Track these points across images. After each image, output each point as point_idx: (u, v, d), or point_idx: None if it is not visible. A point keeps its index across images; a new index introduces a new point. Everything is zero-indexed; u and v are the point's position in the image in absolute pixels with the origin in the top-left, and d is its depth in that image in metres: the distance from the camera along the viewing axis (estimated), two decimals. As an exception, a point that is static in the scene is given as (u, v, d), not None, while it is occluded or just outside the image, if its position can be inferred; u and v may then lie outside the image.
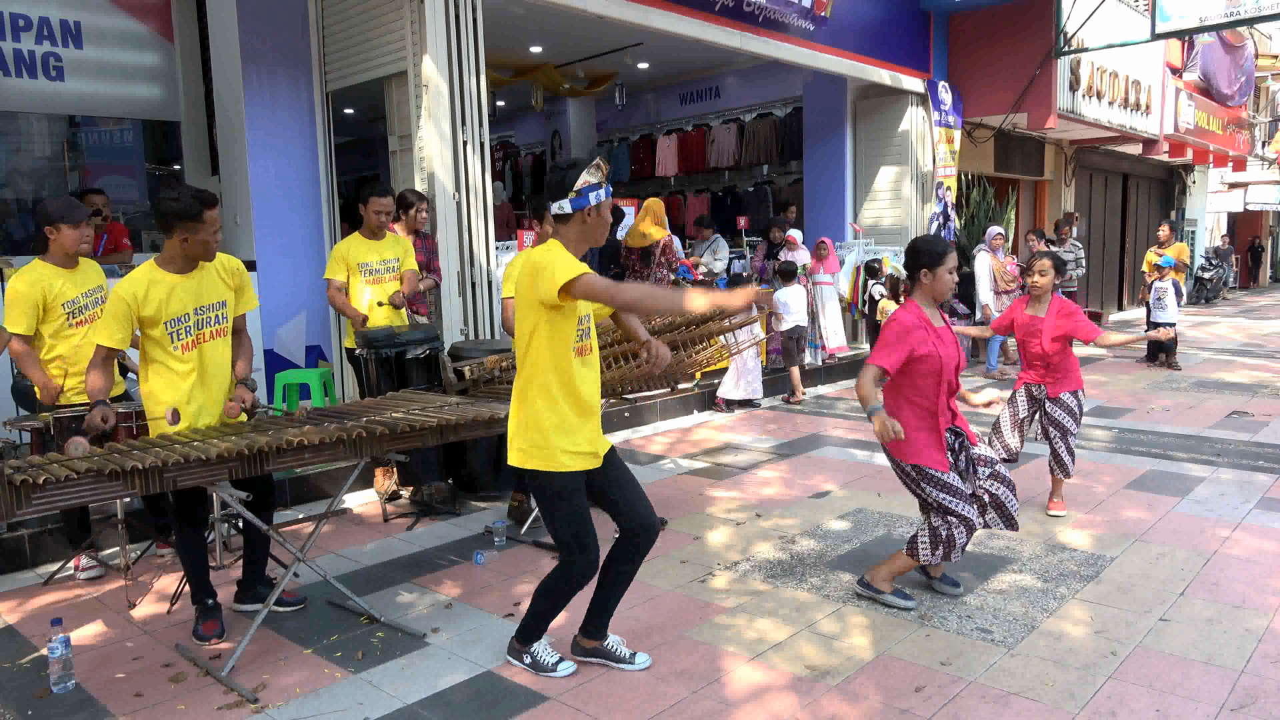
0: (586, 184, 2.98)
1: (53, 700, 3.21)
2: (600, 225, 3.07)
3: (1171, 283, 10.42)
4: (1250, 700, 2.99)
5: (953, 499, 3.65)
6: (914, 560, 3.77)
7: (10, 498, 2.69)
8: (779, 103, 12.97)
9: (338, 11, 6.86)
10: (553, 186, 3.02)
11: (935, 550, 3.70)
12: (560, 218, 3.03)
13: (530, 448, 3.04)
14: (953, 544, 3.67)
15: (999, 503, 3.85)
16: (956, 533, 3.65)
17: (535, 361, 3.01)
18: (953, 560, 3.76)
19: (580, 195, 2.98)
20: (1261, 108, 24.17)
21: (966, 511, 3.65)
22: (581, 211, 3.00)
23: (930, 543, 3.71)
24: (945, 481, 3.66)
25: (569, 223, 3.02)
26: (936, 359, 3.62)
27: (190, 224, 3.45)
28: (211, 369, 3.65)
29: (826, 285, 9.85)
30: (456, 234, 6.38)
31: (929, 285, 3.71)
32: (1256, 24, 13.78)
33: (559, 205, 3.00)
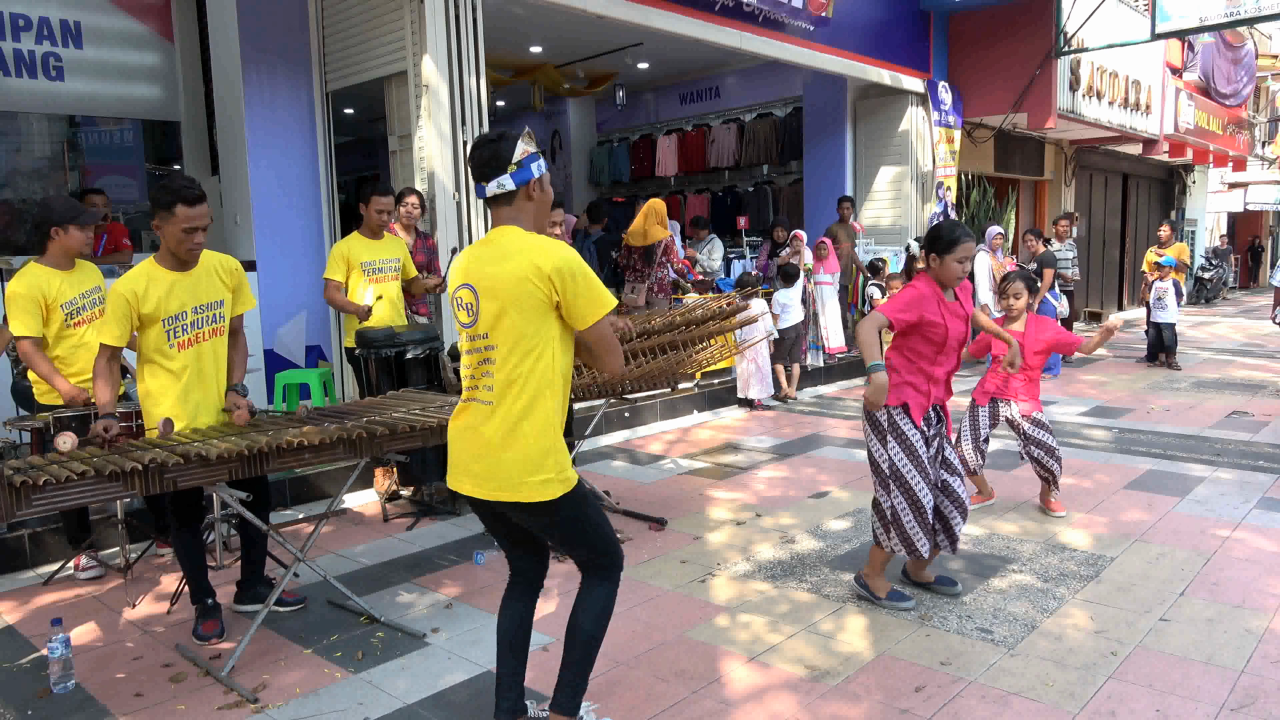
0: (526, 153, 2.51)
1: (53, 700, 3.21)
2: (546, 203, 2.61)
3: (1172, 283, 10.43)
4: (1250, 700, 2.99)
5: (909, 465, 3.61)
6: (883, 550, 3.78)
7: (10, 498, 2.69)
8: (779, 103, 12.97)
9: (338, 11, 6.86)
10: (486, 161, 2.50)
11: (888, 532, 3.69)
12: (500, 199, 2.52)
13: (560, 472, 2.53)
14: (900, 523, 3.63)
15: (946, 521, 3.78)
16: (900, 507, 3.62)
17: (547, 374, 2.49)
18: (919, 554, 3.66)
19: (522, 167, 2.50)
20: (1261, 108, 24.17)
21: (917, 485, 3.60)
22: (526, 186, 2.52)
23: (880, 522, 3.72)
24: (910, 442, 3.62)
25: (514, 202, 2.53)
26: (943, 328, 3.63)
27: (161, 213, 3.43)
28: (209, 368, 3.64)
29: (826, 285, 9.85)
30: (456, 234, 6.38)
31: (936, 270, 3.73)
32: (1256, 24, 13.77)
33: (498, 183, 2.49)
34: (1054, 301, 9.87)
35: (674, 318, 4.72)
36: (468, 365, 2.59)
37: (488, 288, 2.47)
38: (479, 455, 2.53)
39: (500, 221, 2.55)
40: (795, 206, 12.53)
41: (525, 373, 2.47)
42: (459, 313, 2.58)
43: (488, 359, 2.51)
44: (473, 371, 2.57)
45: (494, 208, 2.56)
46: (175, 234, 3.45)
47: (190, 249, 3.50)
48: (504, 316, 2.46)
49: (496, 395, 2.49)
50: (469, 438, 2.56)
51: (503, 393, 2.49)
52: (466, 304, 2.54)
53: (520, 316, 2.44)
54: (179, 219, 3.42)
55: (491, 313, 2.48)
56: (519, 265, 2.43)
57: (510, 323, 2.45)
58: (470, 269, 2.54)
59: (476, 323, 2.51)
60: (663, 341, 4.59)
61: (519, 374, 2.47)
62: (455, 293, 2.58)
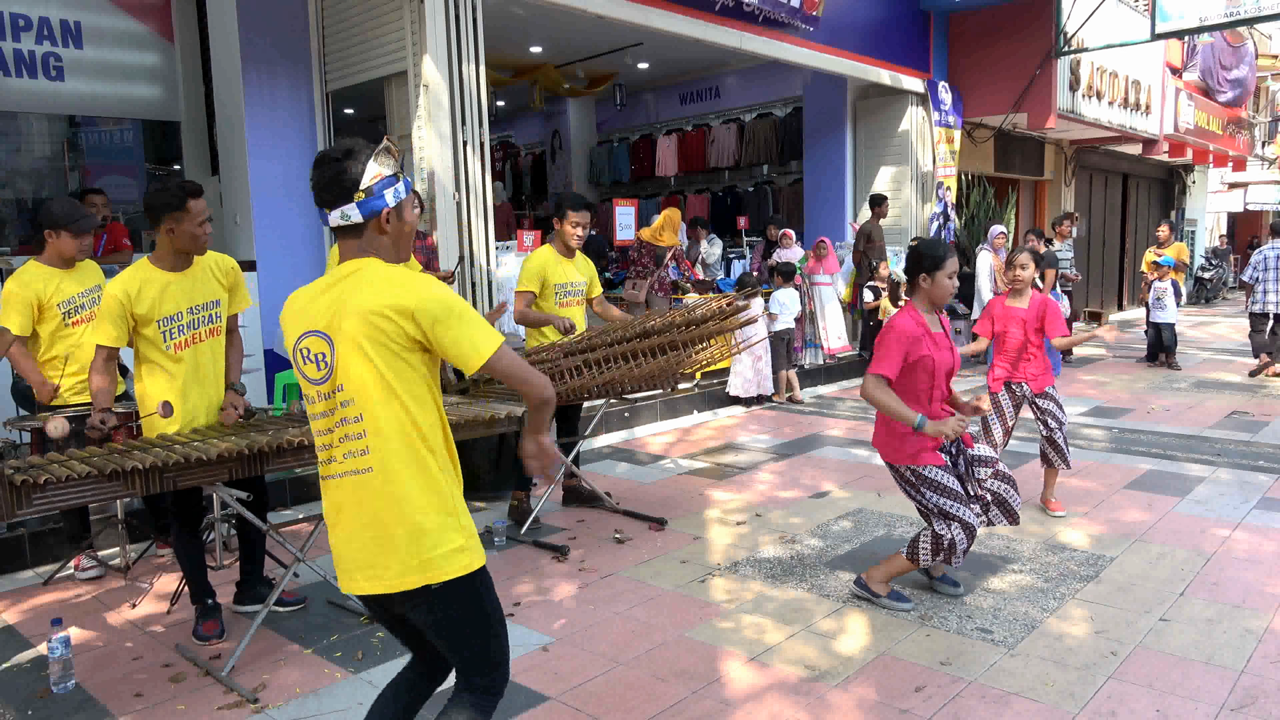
0: (379, 177, 2.07)
1: (53, 700, 3.21)
2: (406, 235, 2.15)
3: (1171, 283, 10.43)
4: (1250, 700, 2.99)
5: (952, 503, 3.64)
6: (913, 564, 3.77)
7: (10, 498, 2.69)
8: (779, 103, 12.98)
9: (338, 11, 6.86)
10: (327, 185, 2.06)
11: (936, 555, 3.70)
12: (347, 230, 2.08)
13: (469, 541, 2.09)
14: (954, 549, 3.65)
15: (1001, 499, 3.84)
16: (957, 537, 3.64)
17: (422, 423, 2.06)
18: (954, 565, 3.75)
19: (373, 195, 2.06)
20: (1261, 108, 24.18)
21: (966, 516, 3.65)
22: (377, 218, 2.08)
23: (931, 548, 3.70)
24: (943, 484, 3.65)
25: (364, 235, 2.08)
26: (931, 361, 3.63)
27: (175, 214, 3.42)
28: (206, 368, 3.63)
29: (825, 286, 9.85)
30: (456, 234, 6.38)
31: (928, 290, 3.71)
32: (1256, 24, 13.78)
33: (342, 213, 2.06)
34: (1055, 302, 9.86)
35: (674, 318, 4.72)
36: (323, 430, 2.10)
37: (343, 332, 2.02)
38: (359, 538, 2.07)
39: (349, 254, 2.10)
40: (795, 206, 12.53)
41: (402, 431, 2.04)
42: (305, 366, 2.10)
43: (347, 418, 2.05)
44: (330, 439, 2.09)
45: (341, 239, 2.12)
46: (190, 231, 3.46)
47: (204, 241, 3.54)
48: (364, 364, 2.01)
49: (375, 461, 2.03)
50: (346, 520, 2.09)
51: (378, 457, 2.03)
52: (316, 354, 2.07)
53: (384, 362, 2.01)
54: (193, 214, 3.44)
55: (349, 361, 2.02)
56: (377, 303, 1.99)
57: (372, 370, 2.01)
58: (314, 312, 2.08)
59: (331, 376, 2.05)
60: (662, 341, 4.59)
61: (390, 435, 2.03)
62: (299, 343, 2.10)
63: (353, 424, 2.05)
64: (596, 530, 4.96)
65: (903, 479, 3.76)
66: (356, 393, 2.03)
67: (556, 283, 5.05)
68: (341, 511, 2.10)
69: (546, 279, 5.03)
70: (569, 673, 3.30)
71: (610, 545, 4.71)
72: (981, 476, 3.82)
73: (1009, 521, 3.89)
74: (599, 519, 5.17)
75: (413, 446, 2.04)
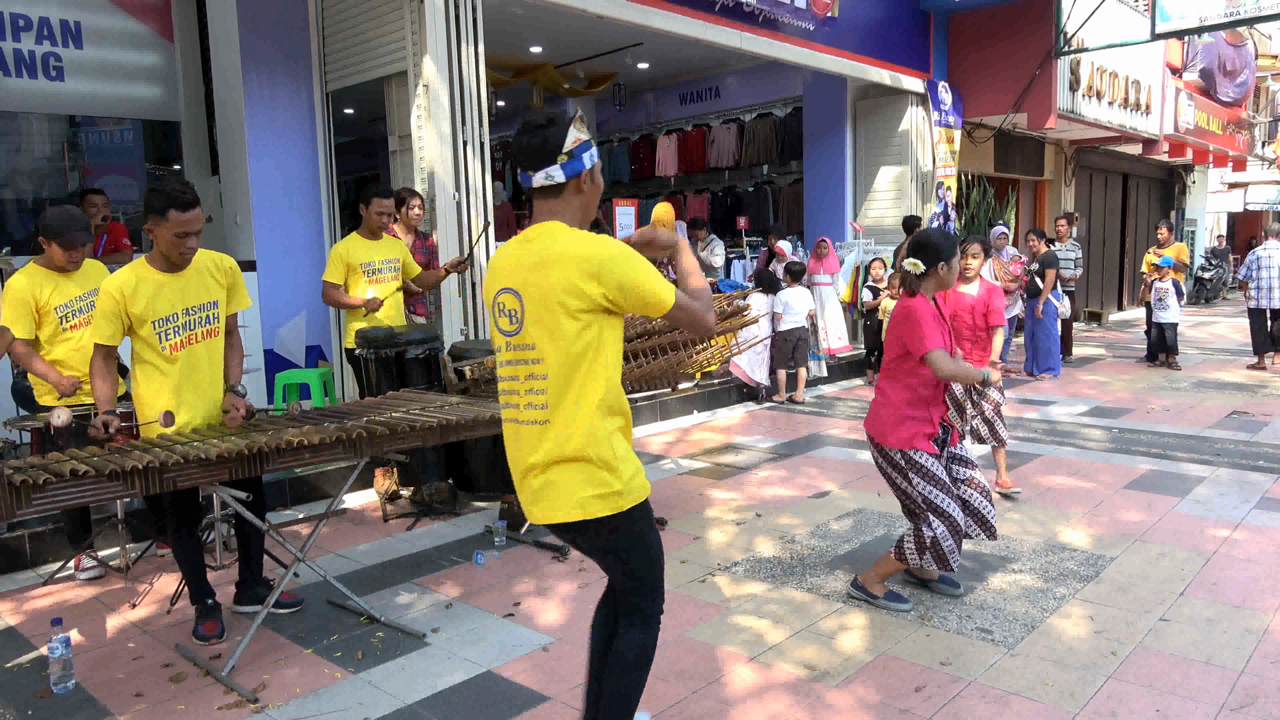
0: (578, 141, 2.26)
1: (53, 700, 3.21)
2: (596, 195, 2.36)
3: (1172, 282, 10.43)
4: (1250, 700, 2.99)
5: (939, 493, 3.65)
6: (901, 564, 3.77)
7: (10, 498, 2.69)
8: (779, 103, 12.97)
9: (338, 11, 6.86)
10: (533, 149, 2.25)
11: (922, 554, 3.69)
12: (548, 190, 2.28)
13: (630, 482, 2.31)
14: (938, 548, 3.64)
15: (978, 513, 3.83)
16: (940, 534, 3.63)
17: (597, 379, 2.26)
18: (950, 568, 3.71)
19: (574, 157, 2.25)
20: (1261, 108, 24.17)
21: (951, 509, 3.64)
22: (577, 178, 2.28)
23: (915, 546, 3.70)
24: (932, 472, 3.65)
25: (562, 195, 2.28)
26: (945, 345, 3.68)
27: (155, 218, 3.40)
28: (203, 370, 3.62)
29: (825, 286, 9.85)
30: (456, 234, 6.38)
31: (943, 276, 3.78)
32: (1256, 24, 13.78)
33: (546, 174, 2.24)
34: (1055, 302, 9.87)
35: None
36: (509, 378, 2.35)
37: (534, 293, 2.23)
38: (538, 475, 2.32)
39: (543, 215, 2.30)
40: (795, 206, 12.53)
41: (579, 385, 2.25)
42: (500, 319, 2.34)
43: (535, 374, 2.28)
44: (514, 386, 2.33)
45: (538, 199, 2.30)
46: (167, 238, 3.42)
47: (183, 253, 3.48)
48: (549, 321, 2.22)
49: (551, 412, 2.26)
50: (523, 461, 2.35)
51: (556, 407, 2.26)
52: (509, 310, 2.30)
53: (567, 320, 2.20)
54: (172, 224, 3.39)
55: (536, 317, 2.24)
56: (576, 269, 2.19)
57: (556, 327, 2.22)
58: (511, 271, 2.30)
59: (521, 330, 2.28)
60: (663, 342, 4.59)
61: (571, 387, 2.25)
62: (497, 297, 2.34)
63: (538, 379, 2.28)
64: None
65: (892, 464, 3.74)
66: (541, 348, 2.25)
67: None
68: (518, 450, 2.37)
69: None
70: (569, 673, 3.30)
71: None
72: (960, 476, 3.83)
73: (987, 537, 3.89)
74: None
75: (587, 401, 2.25)
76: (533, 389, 2.29)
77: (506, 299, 2.31)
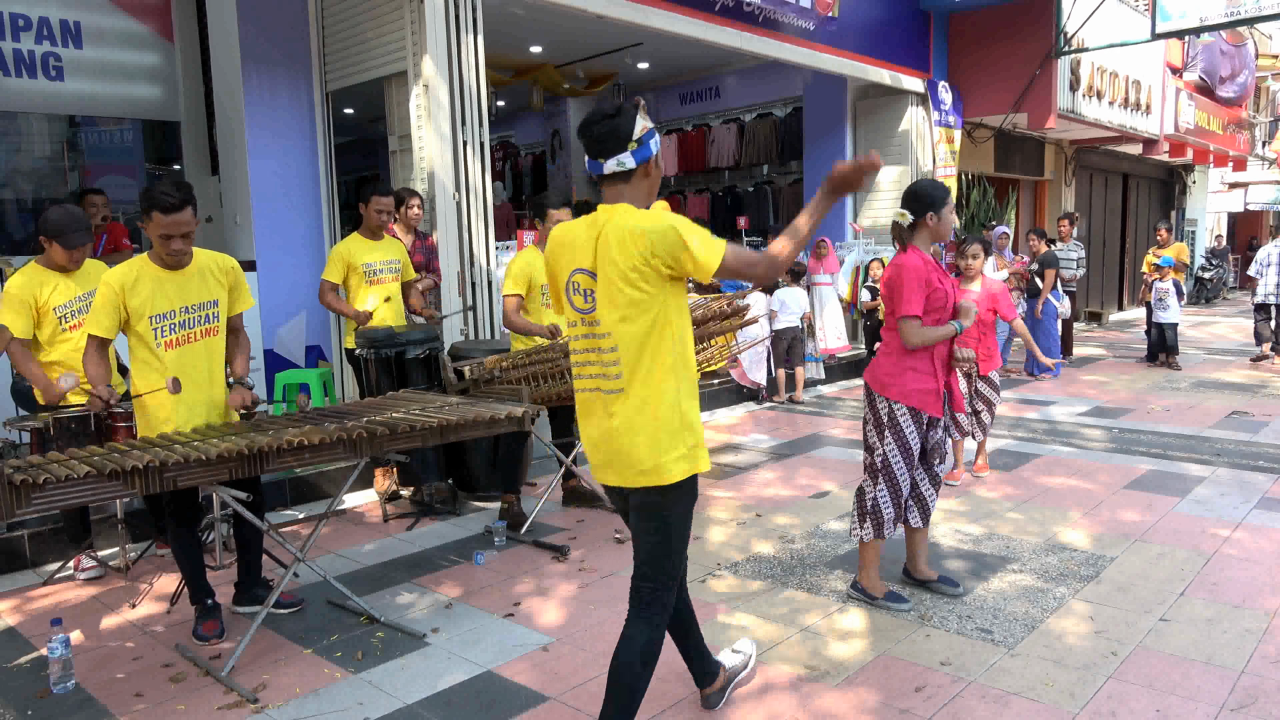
0: (645, 129, 2.44)
1: (53, 700, 3.21)
2: (659, 178, 2.54)
3: (1173, 282, 10.43)
4: (1250, 700, 2.99)
5: (900, 461, 3.66)
6: (865, 542, 3.78)
7: (10, 498, 2.69)
8: (779, 103, 12.97)
9: (338, 11, 6.86)
10: (605, 137, 2.42)
11: (863, 522, 3.73)
12: (618, 176, 2.45)
13: (693, 450, 2.49)
14: (878, 513, 3.68)
15: (922, 499, 3.86)
16: (882, 500, 3.68)
17: (666, 348, 2.43)
18: (882, 535, 3.72)
19: (642, 144, 2.44)
20: (1261, 108, 24.17)
21: (902, 478, 3.67)
22: (646, 164, 2.46)
23: (858, 513, 3.74)
24: (905, 439, 3.65)
25: (631, 180, 2.46)
26: (944, 294, 3.65)
27: (144, 217, 3.45)
28: (201, 369, 3.62)
29: (825, 286, 9.85)
30: (456, 234, 6.38)
31: (934, 227, 3.70)
32: (1256, 24, 13.78)
33: (618, 161, 2.42)
34: (1055, 302, 9.87)
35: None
36: (584, 350, 2.53)
37: (607, 271, 2.41)
38: (608, 442, 2.49)
39: (612, 199, 2.47)
40: (795, 206, 12.53)
41: (649, 355, 2.42)
42: (574, 297, 2.52)
43: (603, 347, 2.46)
44: (586, 358, 2.52)
45: (607, 185, 2.48)
46: (154, 237, 3.47)
47: (170, 254, 3.50)
48: (620, 298, 2.40)
49: (625, 378, 2.44)
50: (595, 426, 2.53)
51: (629, 378, 2.43)
52: (584, 289, 2.48)
53: (642, 295, 2.39)
54: (156, 225, 3.42)
55: (608, 295, 2.42)
56: (637, 245, 2.36)
57: (627, 304, 2.39)
58: (584, 252, 2.47)
59: (595, 308, 2.46)
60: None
61: (643, 357, 2.42)
62: (571, 277, 2.51)
63: (608, 352, 2.46)
64: (596, 530, 4.96)
65: (875, 415, 3.71)
66: (612, 325, 2.43)
67: (543, 283, 5.06)
68: (591, 417, 2.55)
69: (533, 280, 5.05)
70: (569, 673, 3.30)
71: (610, 545, 4.71)
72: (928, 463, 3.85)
73: (923, 523, 3.91)
74: (599, 519, 5.17)
75: (656, 373, 2.43)
76: (605, 360, 2.46)
77: (581, 279, 2.49)
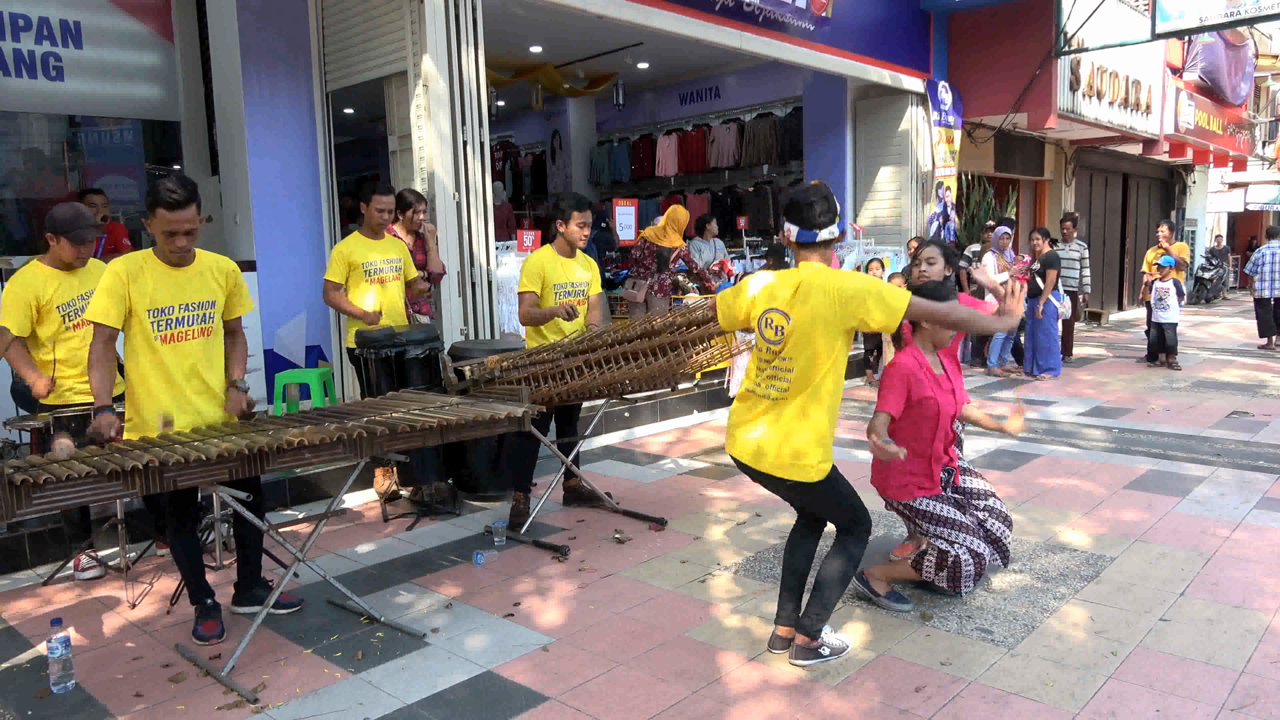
0: (838, 208, 3.25)
1: (53, 700, 3.21)
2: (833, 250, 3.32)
3: (1172, 282, 10.43)
4: (1250, 700, 2.99)
5: (951, 531, 3.67)
6: (915, 574, 3.78)
7: (10, 498, 2.69)
8: (779, 103, 12.97)
9: (338, 11, 6.86)
10: (821, 213, 3.18)
11: (939, 572, 3.70)
12: (822, 244, 3.20)
13: (822, 461, 3.15)
14: (957, 570, 3.65)
15: (994, 538, 3.85)
16: (963, 557, 3.64)
17: (825, 383, 3.10)
18: (961, 591, 3.74)
19: (839, 219, 3.24)
20: (1261, 108, 24.17)
21: (970, 543, 3.66)
22: (840, 235, 3.25)
23: (935, 563, 3.71)
24: (937, 514, 3.68)
25: (829, 245, 3.22)
26: (934, 404, 3.63)
27: (148, 214, 3.47)
28: (198, 366, 3.62)
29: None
30: (456, 234, 6.38)
31: (930, 332, 3.71)
32: (1256, 24, 13.78)
33: (830, 231, 3.18)
34: (1056, 302, 9.87)
35: (674, 318, 4.72)
36: (762, 367, 3.23)
37: (800, 312, 3.08)
38: (761, 434, 3.18)
39: (806, 257, 3.20)
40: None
41: (812, 384, 3.09)
42: (766, 330, 3.20)
43: (781, 369, 3.15)
44: (767, 373, 3.20)
45: (804, 249, 3.20)
46: (158, 234, 3.48)
47: (174, 251, 3.50)
48: (806, 340, 3.07)
49: (790, 394, 3.13)
50: (752, 423, 3.23)
51: (793, 395, 3.12)
52: (776, 325, 3.16)
53: (821, 339, 3.06)
54: (160, 221, 3.43)
55: (796, 338, 3.09)
56: (828, 299, 3.04)
57: (810, 345, 3.07)
58: (779, 294, 3.17)
59: (783, 344, 3.13)
60: (663, 342, 4.59)
61: (806, 384, 3.10)
62: (765, 314, 3.20)
63: (784, 373, 3.15)
64: (596, 530, 4.96)
65: (900, 513, 3.82)
66: (794, 354, 3.12)
67: (556, 282, 5.06)
68: (751, 413, 3.25)
69: (546, 279, 5.04)
70: (569, 673, 3.30)
71: (610, 545, 4.71)
72: (979, 506, 3.84)
73: (1002, 562, 3.91)
74: (599, 519, 5.17)
75: (814, 395, 3.11)
76: (778, 378, 3.16)
77: (775, 316, 3.17)
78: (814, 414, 3.11)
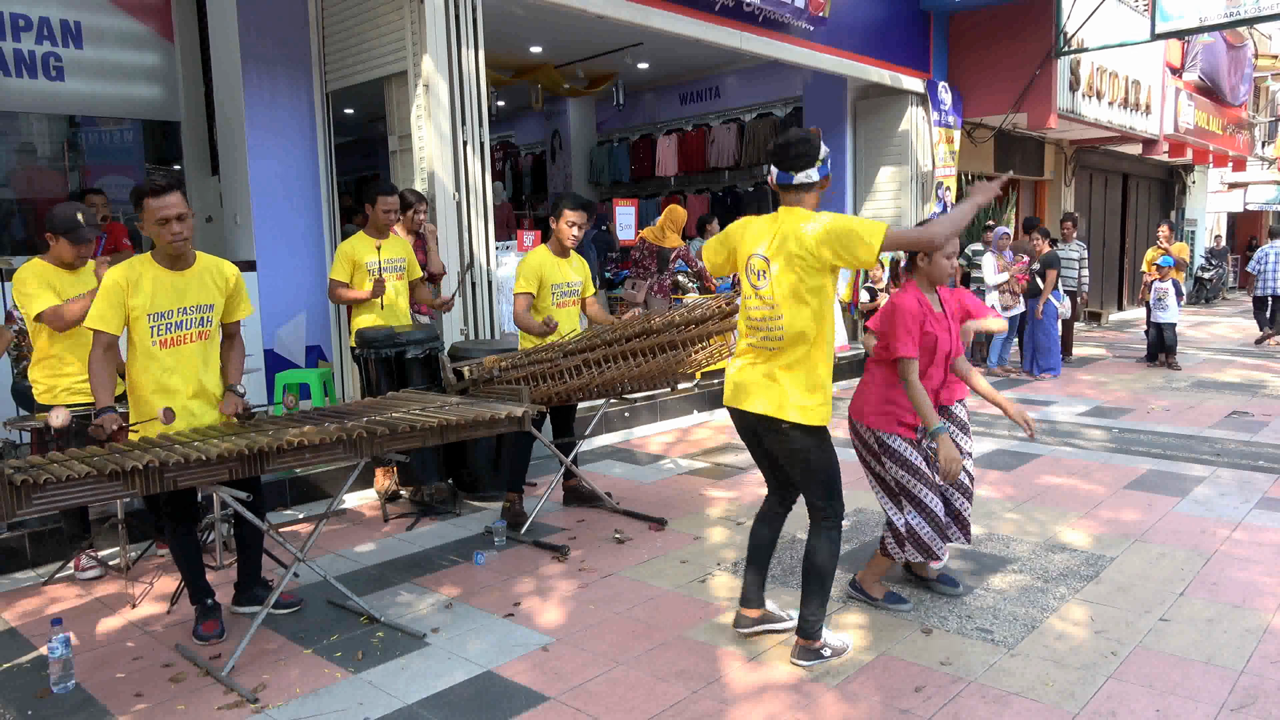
0: (826, 153, 3.11)
1: (53, 700, 3.21)
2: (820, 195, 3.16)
3: (1172, 282, 10.43)
4: (1250, 700, 2.99)
5: (915, 481, 3.59)
6: (888, 559, 3.75)
7: (10, 498, 2.69)
8: (779, 103, 12.96)
9: (338, 11, 6.86)
10: (797, 156, 3.07)
11: (903, 546, 3.66)
12: (803, 186, 3.10)
13: (820, 405, 3.10)
14: (917, 537, 3.61)
15: (958, 514, 3.82)
16: (917, 524, 3.60)
17: (817, 327, 3.06)
18: (938, 558, 3.66)
19: (823, 163, 3.10)
20: (1261, 108, 24.17)
21: (932, 503, 3.59)
22: (824, 179, 3.10)
23: (894, 538, 3.68)
24: (908, 460, 3.59)
25: (810, 191, 3.11)
26: (933, 339, 3.60)
27: (139, 214, 3.47)
28: (196, 369, 3.62)
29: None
30: (456, 234, 6.38)
31: (926, 269, 3.66)
32: (1256, 24, 13.77)
33: (806, 174, 3.07)
34: (1056, 302, 9.87)
35: (674, 318, 4.72)
36: (752, 319, 3.17)
37: (781, 259, 3.04)
38: (757, 383, 3.14)
39: (789, 203, 3.12)
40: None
41: (804, 325, 3.04)
42: (750, 276, 3.16)
43: (771, 317, 3.09)
44: (757, 324, 3.15)
45: (787, 193, 3.12)
46: (154, 229, 3.46)
47: (172, 240, 3.48)
48: (790, 286, 3.03)
49: (785, 343, 3.08)
50: (749, 372, 3.18)
51: (790, 341, 3.07)
52: (759, 270, 3.13)
53: (805, 283, 3.02)
54: (149, 212, 3.43)
55: (781, 278, 3.05)
56: (809, 240, 3.00)
57: (795, 290, 3.03)
58: (763, 241, 3.13)
59: (768, 286, 3.09)
60: (662, 341, 4.59)
61: (799, 326, 3.05)
62: (749, 260, 3.16)
63: (774, 321, 3.10)
64: (596, 530, 4.96)
65: (866, 445, 3.69)
66: (781, 300, 3.07)
67: (553, 283, 5.07)
68: (747, 362, 3.20)
69: (544, 279, 5.05)
70: (569, 673, 3.30)
71: (610, 545, 4.71)
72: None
73: (964, 539, 3.89)
74: (599, 519, 5.17)
75: (807, 340, 3.07)
76: (771, 326, 3.11)
77: (758, 262, 3.13)
78: (812, 357, 3.09)
